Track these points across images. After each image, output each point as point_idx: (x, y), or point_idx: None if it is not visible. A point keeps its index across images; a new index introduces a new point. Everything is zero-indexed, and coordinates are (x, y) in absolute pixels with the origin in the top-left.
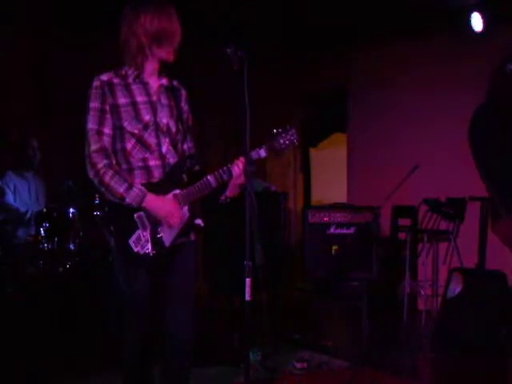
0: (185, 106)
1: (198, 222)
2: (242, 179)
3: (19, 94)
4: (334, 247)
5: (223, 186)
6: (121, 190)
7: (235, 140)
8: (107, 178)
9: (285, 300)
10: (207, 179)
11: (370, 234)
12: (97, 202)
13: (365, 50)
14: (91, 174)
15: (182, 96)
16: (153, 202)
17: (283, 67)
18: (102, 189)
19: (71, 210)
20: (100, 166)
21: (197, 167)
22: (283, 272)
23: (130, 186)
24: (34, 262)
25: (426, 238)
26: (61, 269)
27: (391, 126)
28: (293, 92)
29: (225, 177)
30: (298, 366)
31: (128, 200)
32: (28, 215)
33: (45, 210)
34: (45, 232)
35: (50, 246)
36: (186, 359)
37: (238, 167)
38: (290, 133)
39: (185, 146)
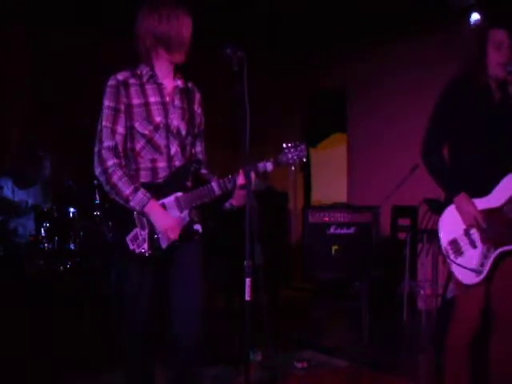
0: (198, 110)
1: (197, 227)
2: (246, 190)
3: (19, 94)
4: (334, 247)
5: (228, 194)
6: (127, 192)
7: (235, 140)
8: (115, 178)
9: (285, 300)
10: (211, 186)
11: (369, 234)
12: (97, 201)
13: (365, 50)
14: (98, 171)
15: (195, 99)
16: (154, 210)
17: (283, 67)
18: (108, 187)
19: (71, 209)
20: (109, 163)
21: (204, 171)
22: (283, 272)
23: (136, 189)
24: (34, 262)
25: (425, 238)
26: (61, 268)
27: (391, 126)
28: (293, 92)
29: (229, 186)
30: (299, 365)
31: (132, 204)
32: (23, 205)
33: (45, 209)
34: (45, 232)
35: (50, 246)
36: (194, 359)
37: (242, 178)
38: (299, 148)
39: (193, 150)
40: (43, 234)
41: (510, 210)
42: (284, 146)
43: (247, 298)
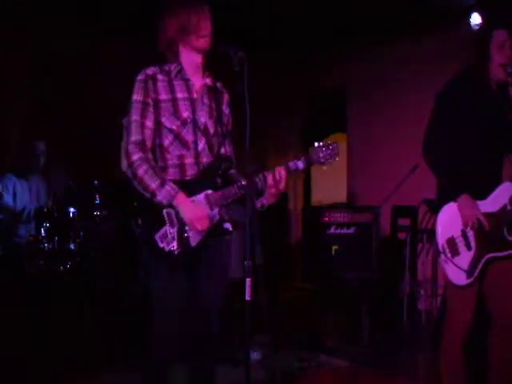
0: (226, 110)
1: (227, 226)
2: (279, 188)
3: (19, 94)
4: (334, 247)
5: (259, 193)
6: (153, 186)
7: (235, 140)
8: (141, 172)
9: (285, 300)
10: (241, 184)
11: (369, 234)
12: (97, 201)
13: (365, 50)
14: (124, 166)
15: (224, 99)
16: (183, 202)
17: (283, 67)
18: (135, 182)
19: (71, 209)
20: (135, 157)
21: (232, 171)
22: (283, 272)
23: (163, 183)
24: (34, 262)
25: (425, 238)
26: (61, 268)
27: (391, 126)
28: (293, 92)
29: (259, 184)
30: (299, 365)
31: (159, 197)
32: (25, 213)
33: (45, 209)
34: (45, 232)
35: (50, 246)
36: (212, 359)
37: (273, 177)
38: (331, 147)
39: (222, 150)
40: (43, 234)
41: (508, 217)
42: (315, 144)
43: (247, 297)
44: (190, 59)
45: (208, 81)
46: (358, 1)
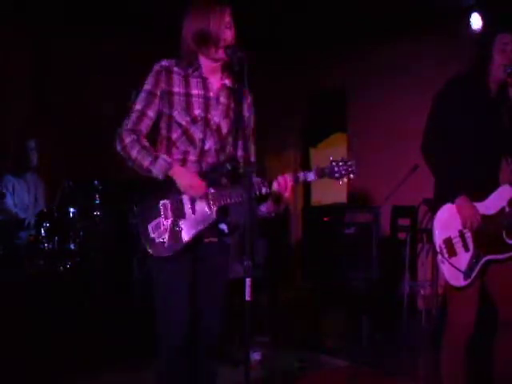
0: (247, 112)
1: (223, 227)
2: (284, 196)
3: (19, 94)
4: (334, 247)
5: (262, 198)
6: (146, 163)
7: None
8: (134, 153)
9: (285, 300)
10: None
11: (369, 234)
12: (97, 201)
13: (365, 50)
14: (118, 148)
15: (244, 100)
16: (178, 171)
17: (283, 67)
18: (130, 163)
19: (71, 209)
20: (127, 141)
21: (241, 170)
22: (283, 272)
23: (156, 158)
24: (34, 262)
25: (425, 238)
26: (61, 268)
27: (391, 126)
28: (293, 92)
29: (263, 190)
30: (298, 366)
31: (155, 172)
32: (26, 222)
33: (45, 209)
34: (45, 232)
35: (50, 246)
36: (212, 359)
37: (278, 184)
38: (348, 163)
39: (239, 152)
40: (43, 234)
41: (507, 220)
42: (331, 158)
43: (247, 298)
44: (208, 65)
45: (227, 81)
46: (358, 1)
